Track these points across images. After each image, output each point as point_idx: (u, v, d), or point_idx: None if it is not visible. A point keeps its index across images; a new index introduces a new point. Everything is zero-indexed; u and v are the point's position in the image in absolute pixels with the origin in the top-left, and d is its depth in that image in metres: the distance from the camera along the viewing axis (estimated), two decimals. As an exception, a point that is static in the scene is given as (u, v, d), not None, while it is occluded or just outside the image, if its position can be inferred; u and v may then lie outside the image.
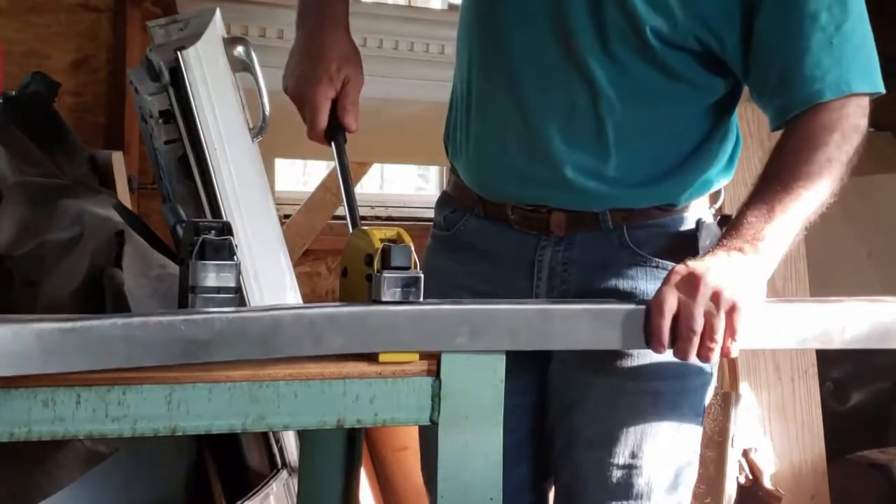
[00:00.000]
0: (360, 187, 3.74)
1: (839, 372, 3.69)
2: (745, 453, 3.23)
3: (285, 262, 2.44)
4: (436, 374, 1.33)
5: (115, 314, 1.22)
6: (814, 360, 3.41)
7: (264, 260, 2.33)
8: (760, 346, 1.57)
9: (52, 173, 2.49)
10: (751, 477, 3.22)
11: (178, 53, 2.21)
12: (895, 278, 3.79)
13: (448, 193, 1.82)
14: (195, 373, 1.23)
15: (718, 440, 3.09)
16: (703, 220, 1.67)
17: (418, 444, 1.85)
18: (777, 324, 1.51)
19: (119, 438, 1.54)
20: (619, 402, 1.65)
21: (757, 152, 3.08)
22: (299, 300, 2.43)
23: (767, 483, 3.22)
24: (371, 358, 1.31)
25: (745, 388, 3.23)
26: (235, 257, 1.29)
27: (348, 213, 1.68)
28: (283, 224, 2.71)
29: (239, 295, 1.29)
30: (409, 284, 1.31)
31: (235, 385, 1.25)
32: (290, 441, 2.33)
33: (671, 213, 1.67)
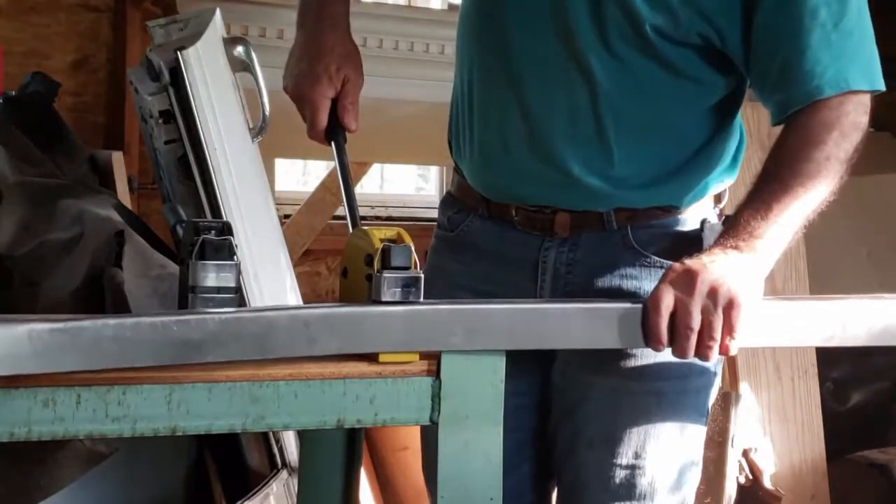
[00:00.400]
0: (360, 187, 3.74)
1: (839, 372, 3.69)
2: (745, 453, 3.23)
3: (285, 262, 2.44)
4: (436, 374, 1.33)
5: (108, 315, 1.21)
6: (814, 360, 3.41)
7: (264, 260, 2.33)
8: (760, 344, 1.57)
9: (52, 173, 2.49)
10: (751, 477, 3.22)
11: (178, 53, 2.21)
12: (895, 278, 3.79)
13: (452, 194, 1.82)
14: (195, 373, 1.23)
15: (718, 440, 3.09)
16: (708, 220, 1.67)
17: (419, 443, 1.85)
18: (777, 322, 1.51)
19: (119, 438, 1.54)
20: (621, 402, 1.65)
21: (757, 152, 3.07)
22: (299, 300, 2.43)
23: (767, 483, 3.22)
24: (371, 358, 1.31)
25: (745, 388, 3.23)
26: (235, 257, 1.29)
27: (348, 212, 1.68)
28: (283, 224, 2.71)
29: (239, 295, 1.29)
30: (410, 284, 1.31)
31: (235, 385, 1.25)
32: (290, 441, 2.33)
33: (675, 214, 1.67)
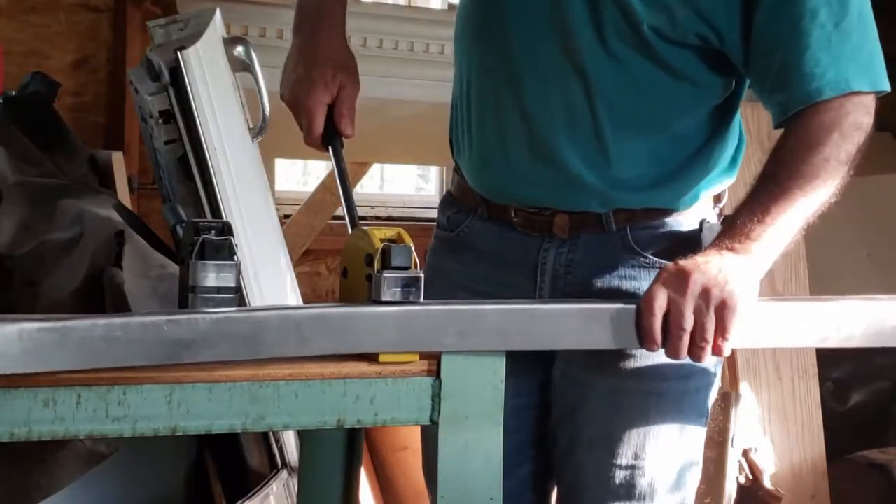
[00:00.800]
0: (360, 187, 3.74)
1: (839, 372, 3.69)
2: (745, 453, 3.23)
3: (285, 262, 2.44)
4: (436, 374, 1.33)
5: (100, 314, 1.21)
6: (814, 360, 3.41)
7: (264, 260, 2.33)
8: (755, 345, 1.57)
9: (52, 173, 2.49)
10: (751, 477, 3.22)
11: (178, 53, 2.21)
12: (895, 279, 3.79)
13: (452, 194, 1.82)
14: (195, 373, 1.23)
15: (718, 440, 3.09)
16: (707, 220, 1.67)
17: (419, 443, 1.85)
18: (773, 322, 1.51)
19: (119, 438, 1.54)
20: (621, 402, 1.65)
21: (756, 152, 3.07)
22: (299, 300, 2.43)
23: (767, 483, 3.22)
24: (371, 358, 1.31)
25: (745, 388, 3.23)
26: (235, 257, 1.29)
27: (347, 216, 1.68)
28: (283, 224, 2.71)
29: (239, 295, 1.29)
30: (410, 284, 1.31)
31: (235, 385, 1.25)
32: (290, 441, 2.33)
33: (674, 215, 1.67)
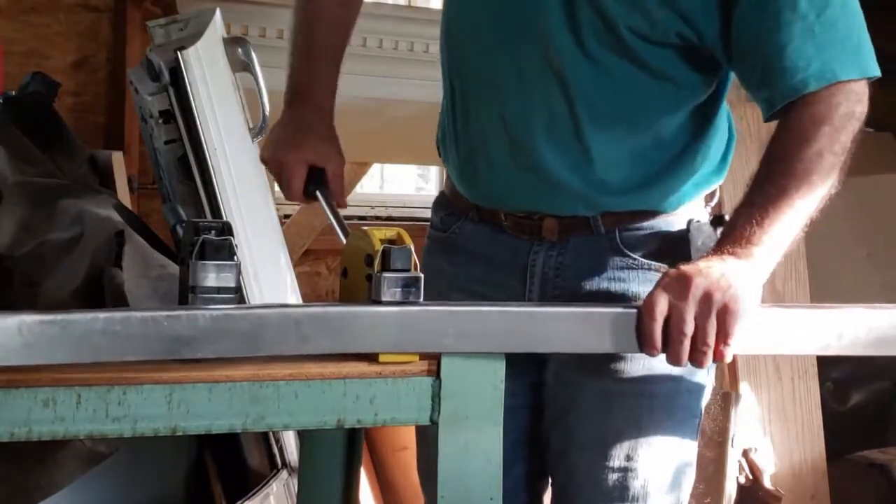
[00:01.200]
0: (359, 187, 3.74)
1: (839, 372, 3.69)
2: (745, 453, 3.23)
3: (285, 262, 2.44)
4: (436, 374, 1.33)
5: (99, 308, 1.21)
6: (814, 361, 3.42)
7: (264, 260, 2.33)
8: (756, 352, 1.56)
9: (52, 173, 2.49)
10: (751, 477, 3.22)
11: (178, 53, 2.21)
12: (895, 279, 3.79)
13: (445, 194, 1.82)
14: (195, 373, 1.23)
15: (718, 440, 3.09)
16: (695, 220, 1.66)
17: (418, 444, 1.85)
18: (774, 330, 1.50)
19: (119, 438, 1.54)
20: (613, 404, 1.65)
21: (756, 152, 3.07)
22: (299, 300, 2.44)
23: (767, 483, 3.23)
24: (371, 358, 1.31)
25: (745, 388, 3.23)
26: (235, 257, 1.29)
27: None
28: (283, 224, 2.71)
29: (239, 295, 1.29)
30: (409, 285, 1.31)
31: (235, 385, 1.25)
32: (290, 441, 2.33)
33: (663, 216, 1.66)
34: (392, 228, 1.36)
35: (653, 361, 1.51)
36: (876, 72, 1.53)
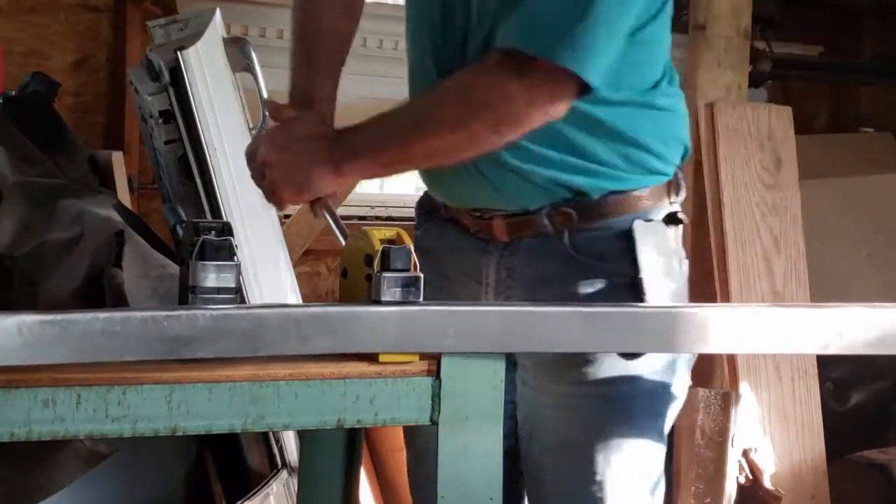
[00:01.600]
0: (359, 187, 3.74)
1: (839, 372, 3.69)
2: (745, 453, 3.23)
3: (285, 262, 2.45)
4: (436, 374, 1.33)
5: (99, 309, 1.22)
6: (814, 361, 3.41)
7: (264, 260, 2.33)
8: (756, 351, 1.56)
9: (52, 173, 2.49)
10: (751, 477, 3.22)
11: (178, 53, 2.22)
12: (895, 278, 3.79)
13: (426, 193, 1.85)
14: (195, 373, 1.23)
15: (718, 440, 3.09)
16: (641, 220, 1.63)
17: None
18: (774, 329, 1.50)
19: (119, 438, 1.54)
20: (571, 409, 1.65)
21: (756, 153, 3.08)
22: (299, 300, 2.44)
23: (767, 483, 3.22)
24: (371, 358, 1.31)
25: (745, 388, 3.22)
26: (235, 258, 1.29)
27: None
28: (283, 224, 2.71)
29: (239, 295, 1.29)
30: (409, 284, 1.31)
31: (235, 385, 1.25)
32: (290, 441, 2.33)
33: (611, 218, 1.64)
34: (391, 228, 1.36)
35: (610, 364, 1.54)
36: (548, 55, 1.48)
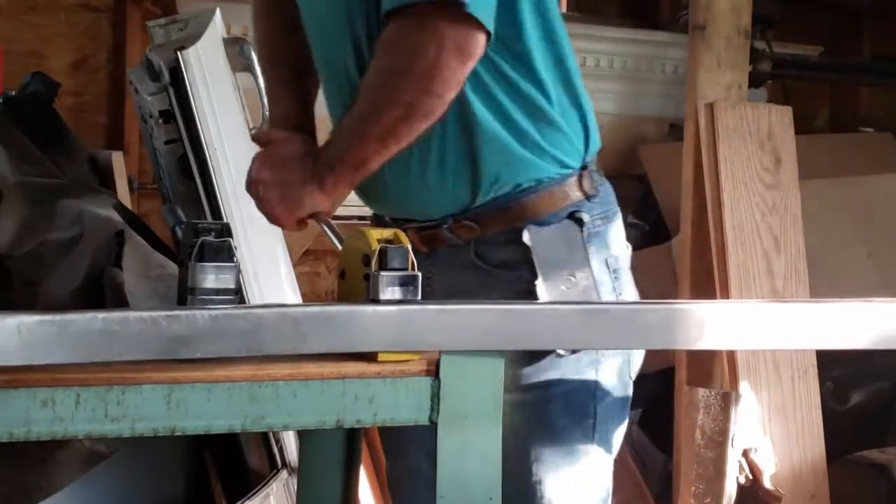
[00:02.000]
0: (360, 187, 3.75)
1: (839, 372, 3.69)
2: (745, 453, 3.23)
3: (285, 262, 2.45)
4: (435, 373, 1.33)
5: (98, 309, 1.22)
6: (814, 361, 3.41)
7: (264, 260, 2.33)
8: (755, 347, 1.56)
9: (52, 173, 2.49)
10: (751, 477, 3.22)
11: (178, 53, 2.22)
12: (895, 278, 3.79)
13: None
14: (194, 373, 1.23)
15: (718, 440, 3.09)
16: (534, 226, 1.64)
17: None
18: (773, 325, 1.51)
19: (119, 438, 1.54)
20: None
21: (756, 152, 3.07)
22: (299, 300, 2.44)
23: (767, 483, 3.22)
24: (370, 358, 1.31)
25: (745, 388, 3.23)
26: (235, 259, 1.29)
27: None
28: (283, 224, 2.71)
29: (239, 297, 1.29)
30: (407, 283, 1.31)
31: (235, 385, 1.25)
32: (290, 441, 2.33)
33: (513, 222, 1.65)
34: (389, 229, 1.36)
35: (524, 369, 1.57)
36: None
